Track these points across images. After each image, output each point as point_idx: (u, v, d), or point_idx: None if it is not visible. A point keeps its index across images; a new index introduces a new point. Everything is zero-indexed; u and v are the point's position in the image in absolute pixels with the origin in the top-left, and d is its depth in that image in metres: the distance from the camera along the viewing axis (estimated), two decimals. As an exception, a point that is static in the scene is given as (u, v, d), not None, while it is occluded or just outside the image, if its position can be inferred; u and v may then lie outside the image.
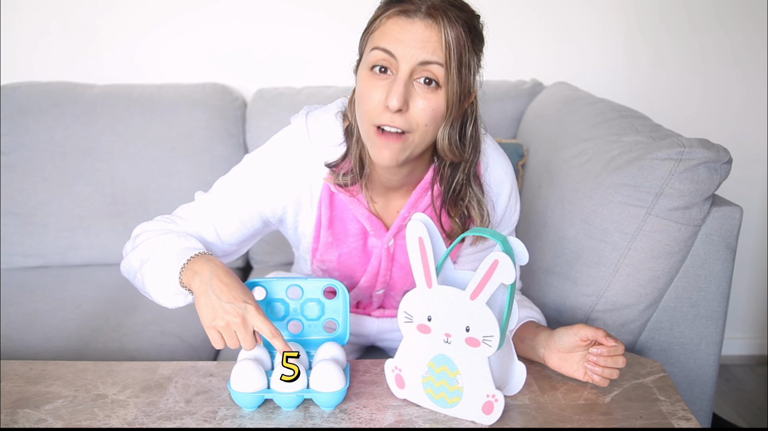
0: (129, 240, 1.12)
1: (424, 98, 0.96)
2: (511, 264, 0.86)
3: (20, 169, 1.80)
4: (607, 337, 1.00)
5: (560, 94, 1.75)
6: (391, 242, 1.15)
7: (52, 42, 1.95)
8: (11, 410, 0.97)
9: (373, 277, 1.19)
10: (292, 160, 1.08)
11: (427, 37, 0.94)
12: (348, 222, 1.13)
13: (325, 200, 1.10)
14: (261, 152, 1.11)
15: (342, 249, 1.16)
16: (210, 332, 0.97)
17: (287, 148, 1.09)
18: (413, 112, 0.96)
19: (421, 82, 0.96)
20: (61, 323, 1.51)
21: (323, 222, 1.12)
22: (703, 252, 1.22)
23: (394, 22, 0.95)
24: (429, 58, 0.94)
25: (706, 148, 1.18)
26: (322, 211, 1.11)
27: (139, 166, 1.80)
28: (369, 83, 0.97)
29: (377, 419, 0.96)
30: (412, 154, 1.00)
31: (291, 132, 1.10)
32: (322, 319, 1.09)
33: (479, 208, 1.09)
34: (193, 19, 1.95)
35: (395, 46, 0.94)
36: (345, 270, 1.19)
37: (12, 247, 1.81)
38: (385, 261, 1.16)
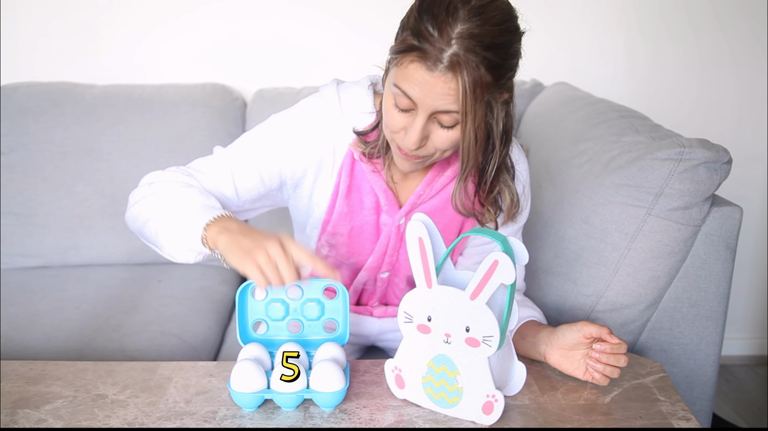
0: (138, 188, 1.09)
1: (444, 131, 0.98)
2: (511, 264, 0.86)
3: (20, 169, 1.80)
4: (610, 335, 1.00)
5: (560, 94, 1.75)
6: (402, 221, 1.15)
7: (52, 42, 1.95)
8: (11, 410, 0.97)
9: (381, 257, 1.19)
10: (319, 122, 1.09)
11: (446, 90, 0.92)
12: (364, 194, 1.14)
13: (347, 167, 1.11)
14: (289, 112, 1.11)
15: (355, 222, 1.16)
16: (250, 269, 0.90)
17: (316, 111, 1.10)
18: (433, 141, 0.99)
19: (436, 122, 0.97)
20: (61, 323, 1.51)
21: (341, 190, 1.13)
22: (703, 252, 1.22)
23: (415, 69, 0.92)
24: (448, 108, 0.94)
25: (706, 148, 1.18)
26: (341, 179, 1.12)
27: (139, 166, 1.80)
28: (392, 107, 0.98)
29: (377, 419, 0.96)
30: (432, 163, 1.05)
31: (321, 97, 1.11)
32: (322, 319, 1.09)
33: (509, 192, 1.10)
34: (193, 18, 1.95)
35: (414, 93, 0.93)
36: (354, 245, 1.19)
37: (12, 247, 1.81)
38: (394, 240, 1.17)
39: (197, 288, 1.71)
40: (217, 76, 1.98)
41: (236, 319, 1.08)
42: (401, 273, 1.23)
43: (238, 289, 1.06)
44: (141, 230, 1.07)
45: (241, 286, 1.07)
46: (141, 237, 1.08)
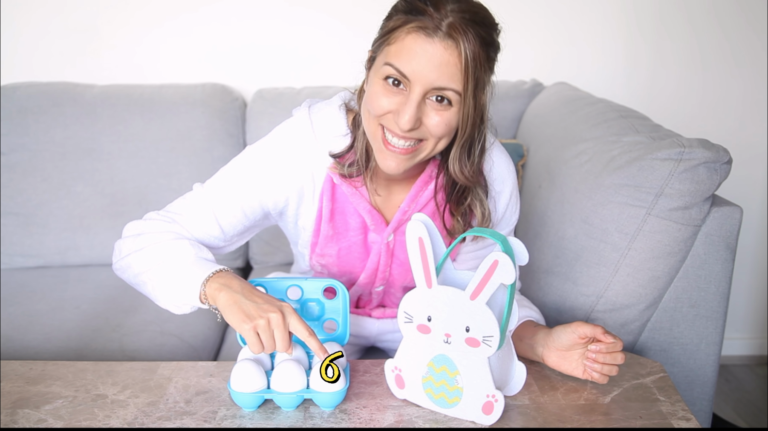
0: (123, 239, 1.08)
1: (438, 114, 0.96)
2: (511, 264, 0.86)
3: (20, 169, 1.80)
4: (605, 334, 1.00)
5: (560, 94, 1.75)
6: (391, 237, 1.15)
7: (52, 42, 1.95)
8: (11, 410, 0.97)
9: (372, 273, 1.19)
10: (295, 151, 1.07)
11: (445, 61, 0.92)
12: (349, 216, 1.13)
13: (327, 192, 1.10)
14: (263, 143, 1.10)
15: (342, 243, 1.16)
16: (248, 334, 0.91)
17: (290, 139, 1.08)
18: (427, 126, 0.97)
19: (433, 99, 0.96)
20: (61, 323, 1.51)
21: (324, 214, 1.12)
22: (703, 252, 1.22)
23: (413, 40, 0.93)
24: (445, 85, 0.93)
25: (706, 148, 1.18)
26: (323, 204, 1.11)
27: (139, 166, 1.80)
28: (380, 91, 0.97)
29: (377, 419, 0.96)
30: (419, 161, 1.02)
31: (294, 123, 1.09)
32: (322, 319, 1.09)
33: (481, 207, 1.09)
34: (193, 19, 1.95)
35: (411, 68, 0.93)
36: (344, 266, 1.19)
37: (12, 247, 1.81)
38: (385, 257, 1.16)
39: (197, 288, 1.71)
40: (217, 76, 1.98)
41: (236, 319, 1.08)
42: (396, 285, 1.23)
43: (238, 289, 1.06)
44: (133, 282, 1.07)
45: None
46: (134, 287, 1.08)
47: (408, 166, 1.01)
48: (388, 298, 1.27)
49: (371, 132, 1.01)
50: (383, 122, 0.98)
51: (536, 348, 1.06)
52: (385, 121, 0.98)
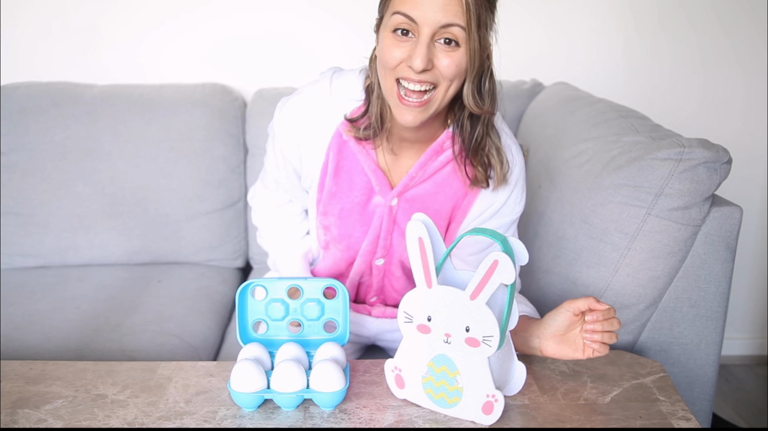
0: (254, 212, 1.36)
1: (447, 56, 1.00)
2: (511, 264, 0.86)
3: (20, 169, 1.80)
4: (598, 302, 1.00)
5: (560, 94, 1.75)
6: (395, 202, 1.16)
7: (53, 42, 1.95)
8: (11, 410, 0.97)
9: (374, 240, 1.20)
10: (309, 108, 1.14)
11: (448, 0, 0.96)
12: (355, 175, 1.15)
13: (335, 147, 1.14)
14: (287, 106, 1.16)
15: (344, 202, 1.18)
16: None
17: (307, 98, 1.14)
18: (439, 68, 1.01)
19: (441, 42, 1.00)
20: (61, 323, 1.51)
21: (330, 169, 1.15)
22: (703, 252, 1.22)
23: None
24: (450, 21, 0.97)
25: (706, 148, 1.18)
26: (329, 158, 1.14)
27: (139, 166, 1.80)
28: (391, 43, 1.01)
29: (377, 419, 0.96)
30: (434, 112, 1.05)
31: (315, 85, 1.15)
32: (322, 319, 1.09)
33: (498, 156, 1.13)
34: (193, 19, 1.95)
35: (416, 12, 0.97)
36: (345, 227, 1.20)
37: (12, 247, 1.81)
38: (387, 222, 1.18)
39: (197, 288, 1.71)
40: (217, 76, 1.98)
41: (236, 319, 1.08)
42: (395, 259, 1.23)
43: (238, 289, 1.06)
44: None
45: (241, 286, 1.07)
46: None
47: (424, 118, 1.04)
48: (387, 281, 1.27)
49: (388, 88, 1.04)
50: (398, 74, 1.02)
51: (531, 341, 1.06)
52: (400, 71, 1.02)
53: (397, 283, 1.26)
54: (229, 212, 1.85)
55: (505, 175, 1.14)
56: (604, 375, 1.07)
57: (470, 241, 1.20)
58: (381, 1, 1.05)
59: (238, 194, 1.86)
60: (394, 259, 1.23)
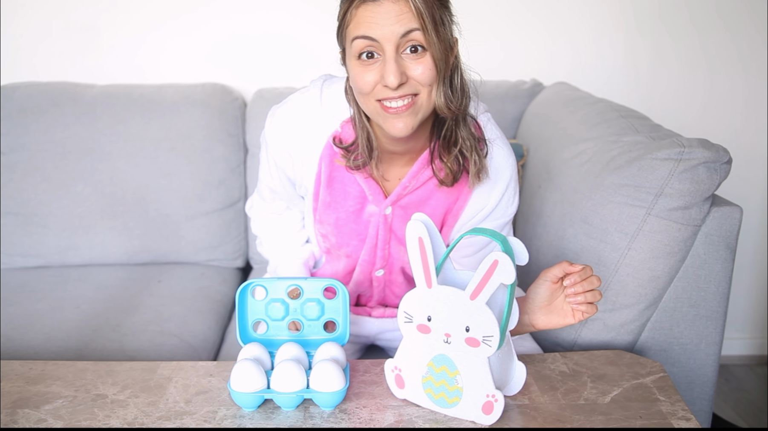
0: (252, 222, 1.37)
1: (418, 63, 1.00)
2: (511, 264, 0.86)
3: (20, 169, 1.80)
4: (571, 265, 1.01)
5: (560, 94, 1.75)
6: (389, 210, 1.16)
7: (53, 42, 1.95)
8: (11, 410, 0.97)
9: (372, 250, 1.20)
10: (299, 117, 1.14)
11: (399, 11, 0.97)
12: (348, 184, 1.15)
13: (326, 158, 1.14)
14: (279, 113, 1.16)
15: (339, 212, 1.17)
16: None
17: (297, 108, 1.15)
18: (414, 77, 1.00)
19: (408, 52, 0.99)
20: (61, 323, 1.51)
21: (323, 179, 1.15)
22: (703, 252, 1.22)
23: (363, 10, 0.98)
24: (407, 28, 0.97)
25: (706, 148, 1.18)
26: (322, 168, 1.14)
27: (139, 166, 1.80)
28: (360, 70, 1.01)
29: (377, 419, 0.96)
30: (423, 116, 1.04)
31: (305, 94, 1.15)
32: (322, 319, 1.09)
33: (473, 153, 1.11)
34: (193, 19, 1.95)
35: (374, 31, 0.97)
36: (342, 236, 1.20)
37: (12, 247, 1.81)
38: (383, 231, 1.17)
39: (197, 288, 1.71)
40: (217, 76, 1.98)
41: (236, 319, 1.08)
42: (396, 268, 1.23)
43: (238, 289, 1.06)
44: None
45: (241, 286, 1.07)
46: None
47: (414, 123, 1.03)
48: (389, 289, 1.27)
49: (371, 110, 1.04)
50: (377, 95, 1.02)
51: (521, 319, 1.06)
52: (378, 93, 1.01)
53: (399, 289, 1.26)
54: (229, 212, 1.85)
55: (478, 173, 1.11)
56: (604, 375, 1.07)
57: (465, 243, 1.19)
58: (337, 33, 1.05)
59: (238, 194, 1.86)
60: (395, 268, 1.23)
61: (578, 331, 1.29)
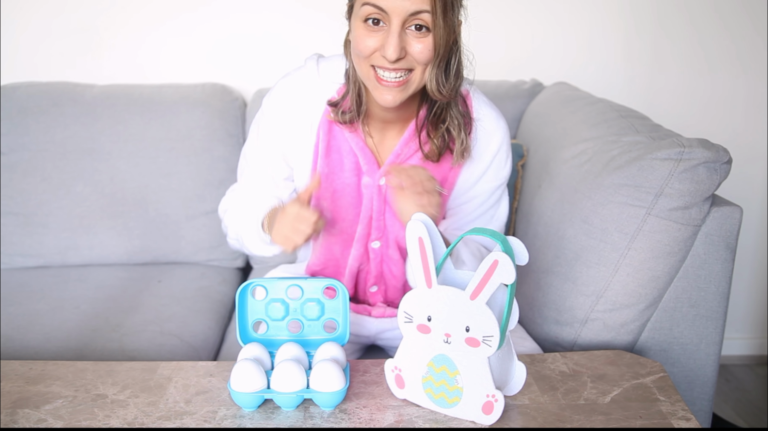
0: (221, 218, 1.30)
1: (419, 41, 1.02)
2: (511, 264, 0.86)
3: (20, 169, 1.80)
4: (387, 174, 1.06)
5: (560, 94, 1.75)
6: (383, 181, 1.17)
7: (53, 42, 1.95)
8: (11, 410, 0.97)
9: (368, 221, 1.21)
10: (298, 89, 1.16)
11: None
12: (344, 155, 1.17)
13: (324, 127, 1.16)
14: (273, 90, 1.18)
15: (337, 184, 1.19)
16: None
17: (295, 80, 1.17)
18: (412, 54, 1.03)
19: (413, 29, 1.02)
20: (61, 323, 1.51)
21: (321, 149, 1.17)
22: (703, 252, 1.22)
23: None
24: (418, 8, 0.99)
25: (706, 148, 1.18)
26: (320, 137, 1.16)
27: (139, 166, 1.80)
28: (363, 33, 1.03)
29: (377, 419, 0.96)
30: (412, 92, 1.07)
31: (301, 68, 1.18)
32: (322, 319, 1.09)
33: (458, 130, 1.14)
34: (193, 18, 1.95)
35: (385, 2, 0.99)
36: (338, 210, 1.21)
37: (12, 247, 1.81)
38: (377, 202, 1.19)
39: (197, 288, 1.71)
40: (216, 76, 1.98)
41: (236, 319, 1.08)
42: (392, 241, 1.23)
43: (238, 289, 1.06)
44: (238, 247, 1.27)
45: (241, 286, 1.07)
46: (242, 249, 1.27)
47: (403, 97, 1.06)
48: (386, 265, 1.26)
49: (364, 74, 1.07)
50: (373, 61, 1.05)
51: None
52: (374, 59, 1.04)
53: (396, 268, 1.26)
54: (229, 212, 1.85)
55: (462, 152, 1.15)
56: (604, 375, 1.07)
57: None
58: None
59: (238, 194, 1.86)
60: (390, 241, 1.24)
61: (578, 331, 1.29)
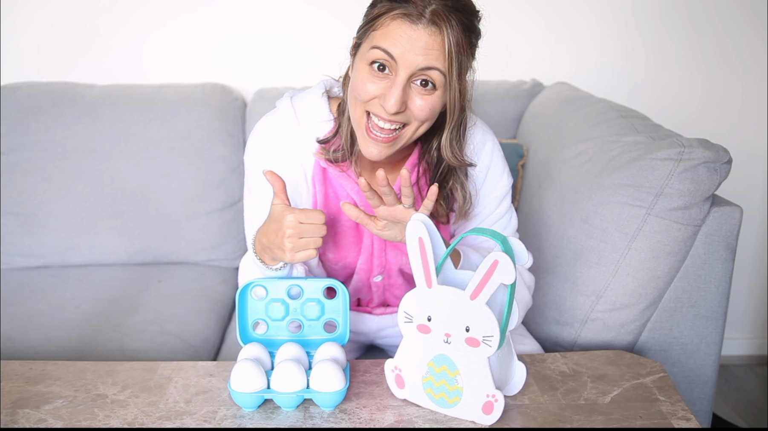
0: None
1: (422, 98, 0.99)
2: (511, 264, 0.86)
3: (20, 169, 1.80)
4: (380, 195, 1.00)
5: (560, 94, 1.75)
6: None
7: (53, 42, 1.95)
8: (11, 410, 0.97)
9: (368, 259, 1.19)
10: (281, 143, 1.11)
11: (430, 45, 0.95)
12: (342, 200, 1.15)
13: (318, 177, 1.13)
14: (252, 143, 1.13)
15: (338, 228, 1.17)
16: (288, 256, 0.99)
17: (275, 132, 1.11)
18: (412, 110, 0.99)
19: (417, 84, 0.98)
20: (61, 323, 1.51)
21: (319, 200, 1.14)
22: (703, 252, 1.22)
23: (398, 26, 0.95)
24: (430, 65, 0.96)
25: (706, 148, 1.18)
26: (316, 188, 1.14)
27: (139, 166, 1.80)
28: (366, 77, 0.99)
29: (377, 419, 0.96)
30: (400, 147, 1.04)
31: (277, 115, 1.13)
32: (322, 319, 1.09)
33: (462, 190, 1.12)
34: (194, 19, 1.95)
35: (397, 51, 0.95)
36: (340, 251, 1.19)
37: (12, 247, 1.81)
38: (378, 240, 1.17)
39: (197, 288, 1.71)
40: (217, 76, 1.98)
41: (236, 319, 1.08)
42: (394, 272, 1.23)
43: (238, 289, 1.06)
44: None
45: (241, 286, 1.07)
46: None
47: (389, 152, 1.04)
48: (389, 292, 1.26)
49: (356, 118, 1.03)
50: (369, 108, 1.01)
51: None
52: (371, 106, 1.01)
53: (399, 290, 1.26)
54: (229, 212, 1.85)
55: (466, 211, 1.13)
56: (604, 375, 1.07)
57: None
58: (362, 26, 1.02)
59: (238, 194, 1.86)
60: (393, 272, 1.23)
61: (578, 331, 1.29)
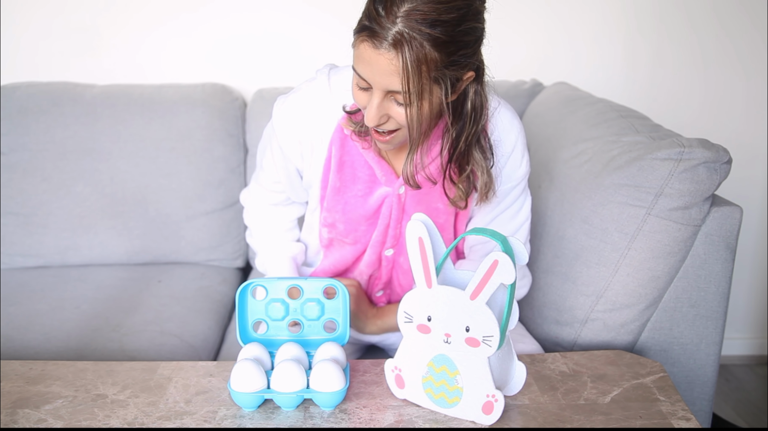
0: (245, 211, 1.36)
1: (399, 111, 0.99)
2: (511, 264, 0.86)
3: (20, 169, 1.80)
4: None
5: (560, 94, 1.75)
6: (402, 190, 1.16)
7: (53, 42, 1.95)
8: (11, 410, 0.97)
9: (384, 231, 1.20)
10: (309, 104, 1.14)
11: (389, 69, 0.94)
12: (358, 168, 1.16)
13: (337, 142, 1.14)
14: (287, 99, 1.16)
15: (348, 197, 1.18)
16: None
17: (307, 95, 1.15)
18: (395, 117, 1.00)
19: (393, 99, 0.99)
20: (61, 323, 1.51)
21: (333, 163, 1.15)
22: (703, 252, 1.22)
23: (364, 49, 0.96)
24: (393, 88, 0.96)
25: (706, 148, 1.18)
26: (332, 152, 1.14)
27: (139, 166, 1.80)
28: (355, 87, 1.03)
29: (377, 419, 0.96)
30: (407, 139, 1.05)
31: (312, 81, 1.16)
32: (322, 319, 1.09)
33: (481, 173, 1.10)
34: (193, 19, 1.95)
35: (366, 74, 0.97)
36: (350, 222, 1.20)
37: (12, 247, 1.81)
38: (396, 211, 1.17)
39: (197, 288, 1.71)
40: (217, 76, 1.98)
41: (236, 319, 1.08)
42: (405, 249, 1.22)
43: (238, 289, 1.06)
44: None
45: (241, 286, 1.07)
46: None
47: (394, 146, 1.07)
48: (395, 274, 1.26)
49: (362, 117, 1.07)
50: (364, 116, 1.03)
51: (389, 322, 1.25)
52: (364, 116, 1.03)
53: (404, 278, 1.26)
54: (229, 212, 1.85)
55: (486, 194, 1.12)
56: (604, 375, 1.07)
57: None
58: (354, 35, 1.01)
59: (238, 194, 1.86)
60: (403, 249, 1.23)
61: (578, 331, 1.29)
